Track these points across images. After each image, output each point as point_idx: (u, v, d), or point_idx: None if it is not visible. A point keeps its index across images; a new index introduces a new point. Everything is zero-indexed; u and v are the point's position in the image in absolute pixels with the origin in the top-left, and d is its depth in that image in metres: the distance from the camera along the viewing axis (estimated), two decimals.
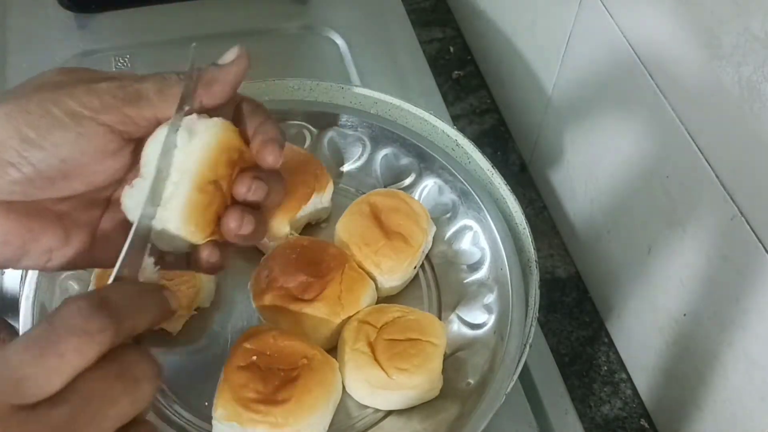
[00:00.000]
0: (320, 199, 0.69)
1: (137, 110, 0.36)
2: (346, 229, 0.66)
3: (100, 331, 0.31)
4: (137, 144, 0.38)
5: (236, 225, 0.39)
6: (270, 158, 0.40)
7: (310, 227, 0.71)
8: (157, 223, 0.38)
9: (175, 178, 0.37)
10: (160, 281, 0.38)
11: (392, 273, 0.64)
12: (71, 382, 0.31)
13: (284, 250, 0.64)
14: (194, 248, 0.41)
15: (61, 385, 0.30)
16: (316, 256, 0.63)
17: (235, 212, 0.39)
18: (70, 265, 0.40)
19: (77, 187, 0.37)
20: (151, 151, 0.38)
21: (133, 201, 0.38)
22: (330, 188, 0.70)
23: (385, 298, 0.66)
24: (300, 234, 0.69)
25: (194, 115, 0.38)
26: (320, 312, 0.60)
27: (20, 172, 0.34)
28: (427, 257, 0.69)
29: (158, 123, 0.37)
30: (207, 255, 0.40)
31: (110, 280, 0.35)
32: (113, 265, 0.35)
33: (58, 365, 0.30)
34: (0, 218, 0.35)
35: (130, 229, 0.37)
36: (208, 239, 0.40)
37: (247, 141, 0.41)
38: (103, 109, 0.35)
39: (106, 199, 0.40)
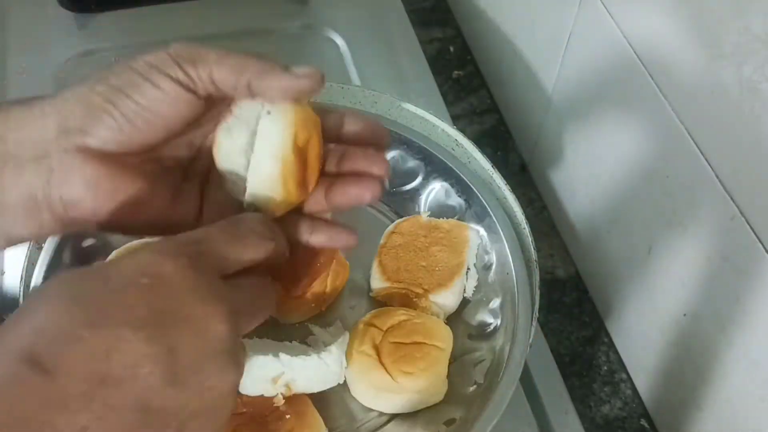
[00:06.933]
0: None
1: (194, 70, 0.39)
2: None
3: (269, 240, 0.40)
4: (206, 100, 0.41)
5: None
6: (348, 196, 0.45)
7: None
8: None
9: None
10: None
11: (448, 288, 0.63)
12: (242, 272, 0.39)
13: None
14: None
15: (241, 267, 0.39)
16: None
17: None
18: (150, 226, 0.44)
19: (159, 131, 0.41)
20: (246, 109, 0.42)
21: (229, 143, 0.42)
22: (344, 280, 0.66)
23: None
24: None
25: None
26: None
27: (112, 118, 0.39)
28: None
29: (213, 83, 0.40)
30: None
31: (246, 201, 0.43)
32: (181, 230, 0.39)
33: (241, 252, 0.38)
34: (96, 163, 0.39)
35: (211, 202, 0.44)
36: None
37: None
38: (169, 64, 0.39)
39: (183, 167, 0.45)
